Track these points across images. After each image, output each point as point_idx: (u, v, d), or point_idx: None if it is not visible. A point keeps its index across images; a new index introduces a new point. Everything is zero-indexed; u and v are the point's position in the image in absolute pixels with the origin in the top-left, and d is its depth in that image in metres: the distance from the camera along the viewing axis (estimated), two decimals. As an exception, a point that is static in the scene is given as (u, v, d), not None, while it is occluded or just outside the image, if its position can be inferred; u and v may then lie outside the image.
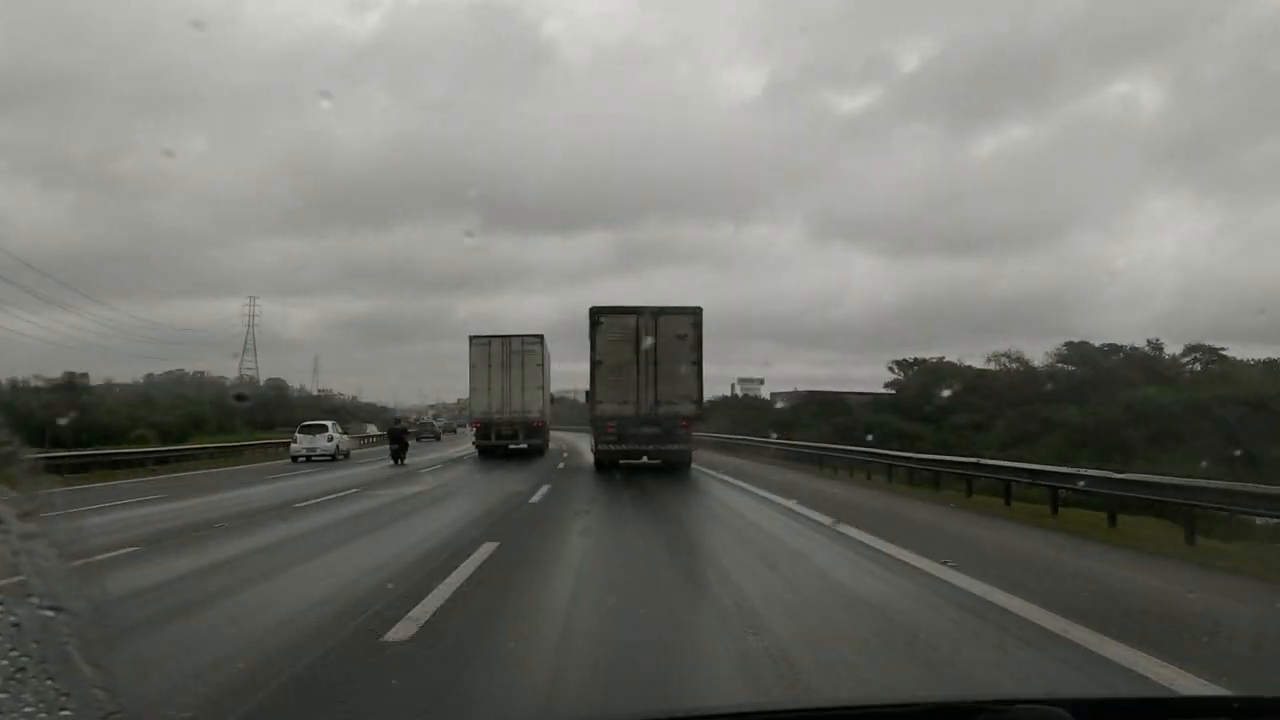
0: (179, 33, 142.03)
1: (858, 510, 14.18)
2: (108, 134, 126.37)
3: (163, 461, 29.35)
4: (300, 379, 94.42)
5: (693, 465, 24.06)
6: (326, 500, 17.09)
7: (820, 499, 15.86)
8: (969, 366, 46.74)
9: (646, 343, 23.66)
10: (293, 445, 33.35)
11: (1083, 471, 13.87)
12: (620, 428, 23.51)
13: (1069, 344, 45.17)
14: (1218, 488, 11.16)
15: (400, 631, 6.05)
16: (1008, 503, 15.25)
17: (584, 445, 33.03)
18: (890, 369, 51.65)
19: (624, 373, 23.68)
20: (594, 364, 23.81)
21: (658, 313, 23.99)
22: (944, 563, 8.58)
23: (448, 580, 7.94)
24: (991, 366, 46.30)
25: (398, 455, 29.55)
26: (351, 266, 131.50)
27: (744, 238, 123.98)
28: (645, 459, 23.93)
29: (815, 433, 37.51)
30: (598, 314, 23.86)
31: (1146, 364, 44.81)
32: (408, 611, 6.58)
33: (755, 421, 41.52)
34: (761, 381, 57.26)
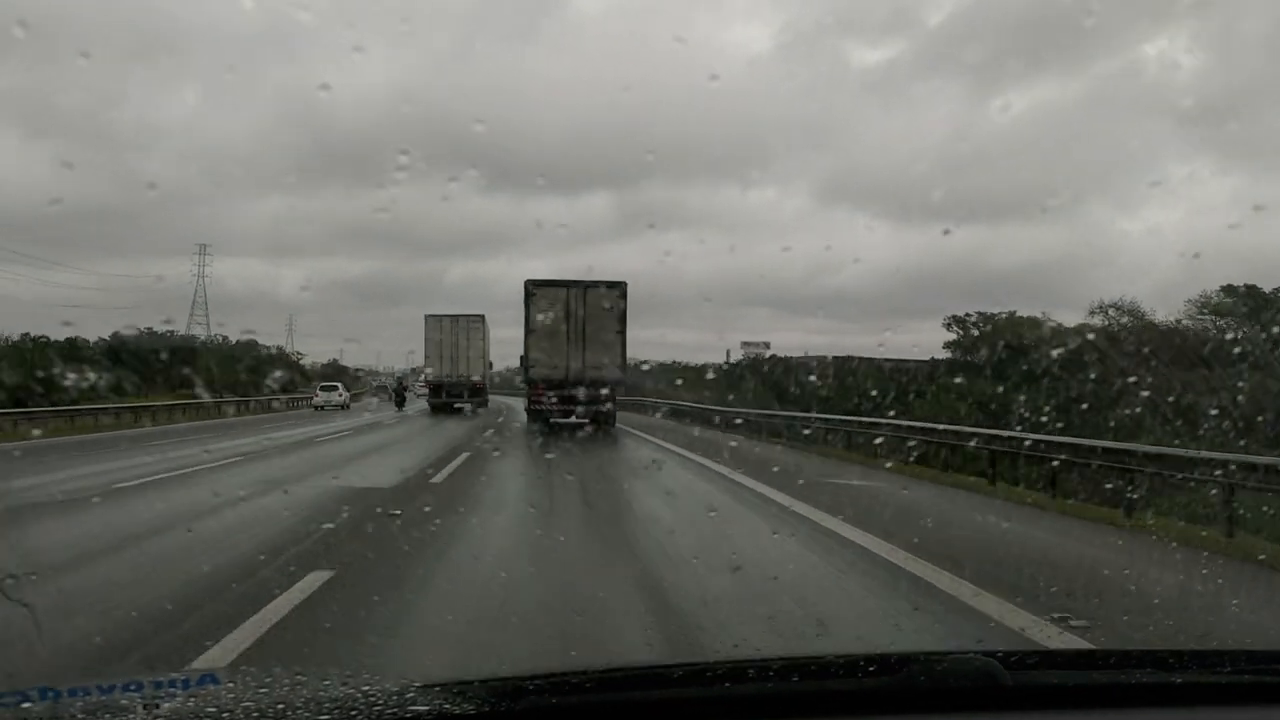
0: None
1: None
2: (96, 84, 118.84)
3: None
4: (280, 340, 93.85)
5: None
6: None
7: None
8: (1058, 325, 37.69)
9: (576, 313, 26.20)
10: (314, 399, 45.01)
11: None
12: (550, 389, 26.24)
13: (1226, 288, 37.15)
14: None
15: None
16: None
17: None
18: (947, 325, 43.41)
19: (555, 340, 26.35)
20: (528, 331, 26.69)
21: (587, 286, 26.34)
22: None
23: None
24: (1096, 321, 37.84)
25: (400, 404, 39.36)
26: (344, 226, 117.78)
27: (751, 200, 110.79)
28: (573, 418, 26.44)
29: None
30: (532, 286, 26.69)
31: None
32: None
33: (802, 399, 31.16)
34: (767, 345, 54.00)
